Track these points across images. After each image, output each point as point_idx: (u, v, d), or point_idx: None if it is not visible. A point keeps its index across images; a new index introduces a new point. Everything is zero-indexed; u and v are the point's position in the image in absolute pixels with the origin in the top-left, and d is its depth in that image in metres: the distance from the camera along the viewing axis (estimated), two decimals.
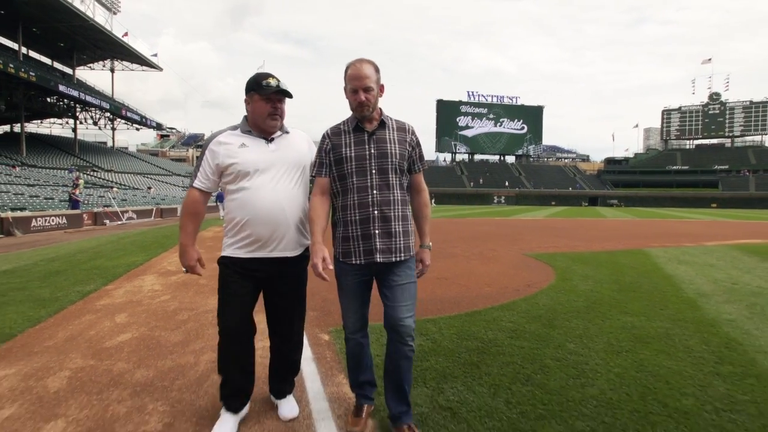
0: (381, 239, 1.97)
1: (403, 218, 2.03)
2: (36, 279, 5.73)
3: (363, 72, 1.94)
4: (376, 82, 1.97)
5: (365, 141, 2.00)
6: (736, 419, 2.16)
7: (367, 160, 1.98)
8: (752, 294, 5.02)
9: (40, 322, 3.77)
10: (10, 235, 13.78)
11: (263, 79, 2.02)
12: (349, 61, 2.00)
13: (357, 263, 1.99)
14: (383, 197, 1.98)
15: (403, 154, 2.03)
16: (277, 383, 2.28)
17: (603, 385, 2.53)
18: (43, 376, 2.67)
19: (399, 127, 2.07)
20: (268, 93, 2.01)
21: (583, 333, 3.50)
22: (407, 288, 2.00)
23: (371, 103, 1.95)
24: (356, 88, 1.93)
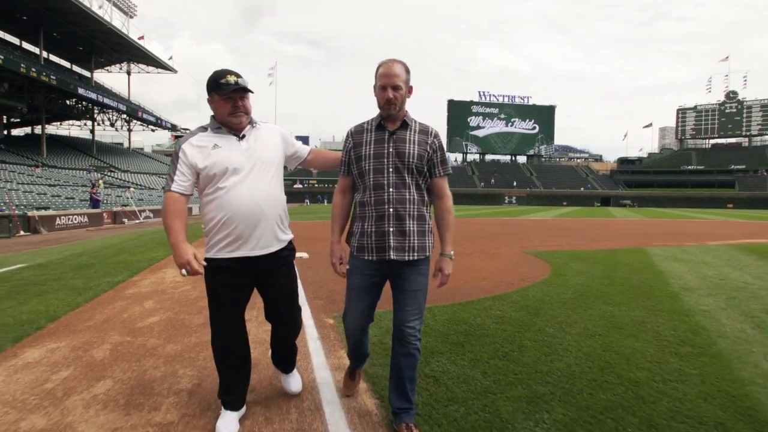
0: (395, 237, 1.99)
1: (419, 218, 2.02)
2: (69, 271, 6.26)
3: (393, 70, 1.97)
4: (405, 82, 2.01)
5: (385, 140, 2.03)
6: (678, 387, 2.51)
7: (385, 159, 2.01)
8: (735, 288, 5.30)
9: (78, 307, 4.26)
10: (37, 232, 14.49)
11: (221, 78, 1.99)
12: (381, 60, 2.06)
13: (370, 259, 2.02)
14: (399, 195, 1.99)
15: (422, 155, 2.03)
16: (280, 362, 2.44)
17: (570, 360, 2.89)
18: (88, 348, 3.13)
19: (421, 130, 2.08)
20: (227, 92, 1.97)
21: (563, 320, 3.85)
22: (417, 294, 2.03)
23: (398, 101, 1.98)
24: (385, 85, 1.97)
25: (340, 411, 2.23)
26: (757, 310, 4.27)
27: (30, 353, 3.02)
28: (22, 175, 27.45)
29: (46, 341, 3.27)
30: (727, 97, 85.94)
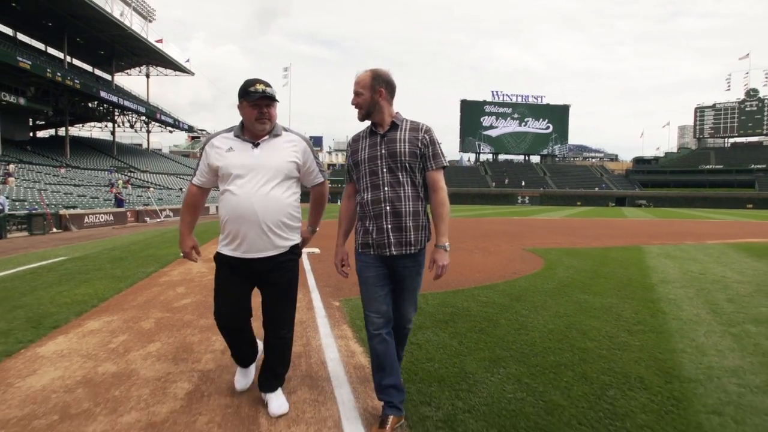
0: (393, 233, 2.10)
1: (414, 213, 2.13)
2: (106, 263, 7.01)
3: (357, 78, 2.16)
4: (368, 87, 2.12)
5: (377, 143, 2.15)
6: (617, 354, 3.04)
7: (379, 160, 2.13)
8: (711, 281, 5.75)
9: (121, 292, 4.95)
10: (68, 230, 15.47)
11: (250, 86, 2.13)
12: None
13: (373, 254, 2.14)
14: (394, 194, 2.11)
15: (414, 152, 2.12)
16: (266, 378, 2.32)
17: (534, 334, 3.44)
18: (137, 321, 3.80)
19: (412, 128, 2.16)
20: (254, 99, 2.11)
21: (540, 305, 4.39)
22: (413, 288, 2.21)
23: (362, 106, 2.14)
24: (353, 93, 2.17)
25: (340, 366, 2.83)
26: (720, 299, 4.74)
27: (91, 324, 3.70)
28: (48, 176, 28.72)
29: (102, 316, 3.96)
30: (747, 95, 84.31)
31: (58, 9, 32.56)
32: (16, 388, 2.49)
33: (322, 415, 2.21)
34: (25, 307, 4.20)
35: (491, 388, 2.48)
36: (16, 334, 3.39)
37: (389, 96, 2.17)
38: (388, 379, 2.12)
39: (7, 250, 9.37)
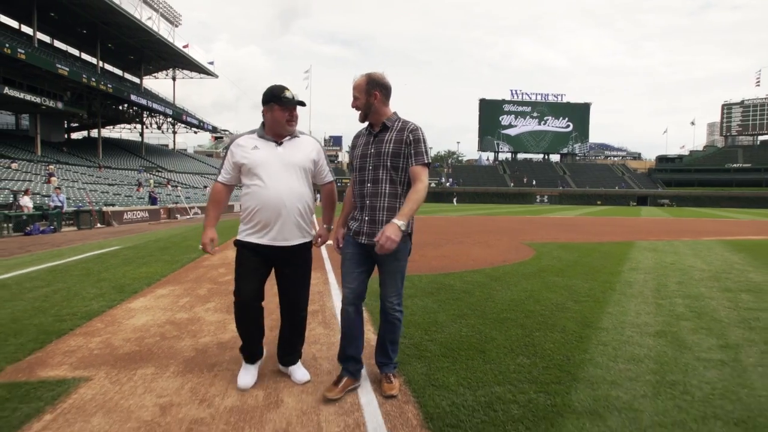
0: (368, 225, 2.32)
1: (389, 210, 2.30)
2: (155, 251, 8.26)
3: (354, 83, 2.35)
4: (363, 92, 2.31)
5: (370, 142, 2.37)
6: (556, 314, 4.00)
7: (368, 158, 2.34)
8: (676, 269, 6.57)
9: (174, 271, 6.13)
10: (110, 225, 17.02)
11: (281, 92, 2.35)
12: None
13: (351, 236, 2.43)
14: (374, 189, 2.32)
15: (397, 152, 2.28)
16: (286, 354, 2.60)
17: (497, 301, 4.42)
18: (193, 290, 4.95)
19: (400, 128, 2.33)
20: (288, 104, 2.36)
21: (513, 283, 5.35)
22: (396, 275, 2.38)
23: (360, 108, 2.35)
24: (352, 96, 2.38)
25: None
26: (671, 282, 5.60)
27: (160, 291, 4.87)
28: (84, 176, 30.68)
29: (166, 286, 5.13)
30: None
31: (92, 17, 34.64)
32: (125, 324, 3.64)
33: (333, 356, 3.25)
34: (106, 280, 5.42)
35: (451, 329, 3.49)
36: (109, 295, 4.59)
37: (384, 98, 2.34)
38: (349, 349, 2.44)
39: (66, 242, 10.77)
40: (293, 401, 2.32)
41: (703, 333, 3.48)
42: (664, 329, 3.57)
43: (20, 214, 13.72)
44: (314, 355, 3.00)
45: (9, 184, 21.08)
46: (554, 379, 2.55)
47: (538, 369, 2.71)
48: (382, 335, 2.48)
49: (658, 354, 3.00)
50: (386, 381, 2.41)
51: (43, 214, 14.25)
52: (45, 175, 25.05)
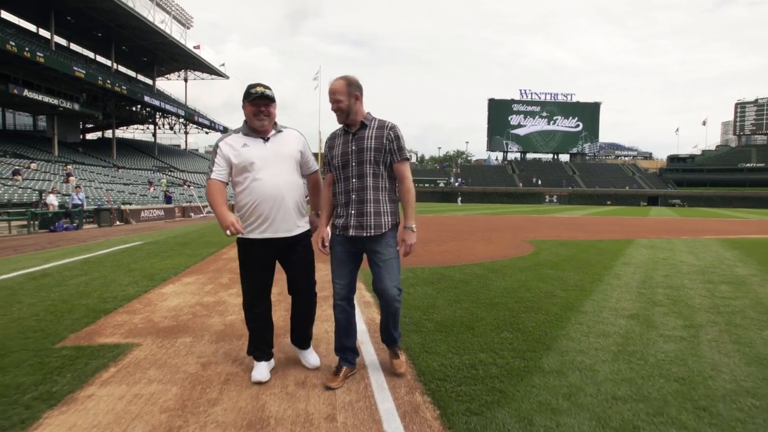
0: (355, 218, 2.43)
1: (375, 201, 2.43)
2: (176, 246, 8.82)
3: (332, 87, 2.43)
4: (345, 94, 2.41)
5: (349, 141, 2.47)
6: (545, 300, 4.42)
7: (349, 155, 2.44)
8: (666, 264, 6.93)
9: (196, 264, 6.65)
10: (128, 223, 17.70)
11: (251, 88, 2.42)
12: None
13: (340, 234, 2.50)
14: (359, 184, 2.43)
15: (379, 148, 2.42)
16: (298, 335, 2.73)
17: (492, 290, 4.85)
18: (216, 278, 5.46)
19: (379, 126, 2.47)
20: (251, 99, 2.41)
21: (509, 275, 5.77)
22: (388, 263, 2.44)
23: (342, 111, 2.43)
24: (330, 100, 2.44)
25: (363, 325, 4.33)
26: (658, 275, 5.97)
27: (186, 279, 5.40)
28: (100, 175, 31.57)
29: (191, 276, 5.65)
30: None
31: (107, 20, 35.59)
32: (160, 305, 4.16)
33: None
34: (137, 270, 5.96)
35: (447, 311, 3.94)
36: (142, 283, 5.12)
37: (361, 99, 2.48)
38: (346, 341, 2.59)
39: (90, 238, 11.40)
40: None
41: (673, 316, 3.89)
42: (638, 312, 3.98)
43: (46, 212, 14.42)
44: (326, 330, 3.47)
45: (30, 183, 21.92)
46: (530, 348, 2.99)
47: (518, 341, 3.15)
48: (384, 321, 2.61)
49: (627, 331, 3.42)
50: (393, 357, 2.65)
51: (67, 212, 14.93)
52: (63, 175, 25.88)
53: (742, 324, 3.66)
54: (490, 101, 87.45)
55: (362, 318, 3.79)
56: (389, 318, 2.57)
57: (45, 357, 2.79)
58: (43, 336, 3.20)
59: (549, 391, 2.35)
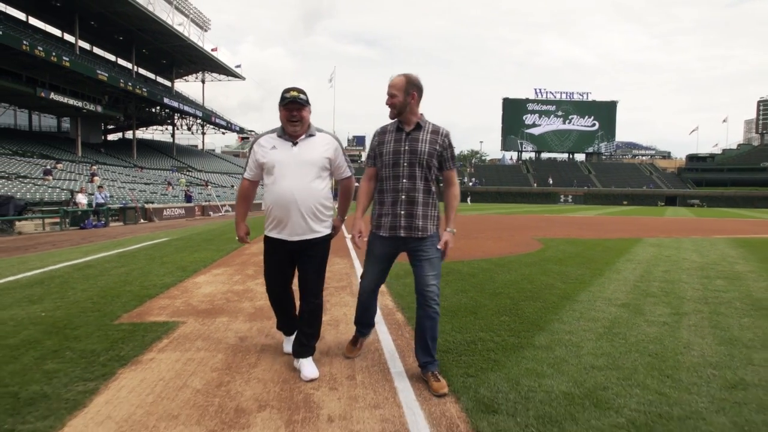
0: (405, 218, 2.43)
1: (424, 204, 2.45)
2: (201, 242, 9.39)
3: (392, 82, 2.46)
4: (402, 90, 2.43)
5: (402, 139, 2.46)
6: (544, 290, 4.78)
7: (401, 155, 2.44)
8: (669, 261, 7.19)
9: (222, 258, 7.17)
10: (151, 221, 18.45)
11: (285, 92, 2.49)
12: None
13: (384, 235, 2.49)
14: (410, 185, 2.43)
15: (432, 152, 2.43)
16: (301, 344, 2.66)
17: (497, 282, 5.23)
18: (242, 270, 5.96)
19: (433, 131, 2.48)
20: (285, 103, 2.48)
21: (514, 270, 6.13)
22: (432, 261, 2.45)
23: (396, 106, 2.45)
24: (387, 94, 2.47)
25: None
26: (658, 271, 6.26)
27: (215, 270, 5.91)
28: (122, 175, 32.60)
29: (219, 268, 6.17)
30: None
31: (128, 25, 36.72)
32: (196, 292, 4.66)
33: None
34: (169, 263, 6.50)
35: (453, 300, 4.34)
36: (176, 273, 5.65)
37: (419, 99, 2.49)
38: (364, 317, 2.78)
39: (118, 234, 12.07)
40: (330, 337, 3.22)
41: (662, 305, 4.23)
42: (629, 302, 4.33)
43: (76, 210, 15.19)
44: (345, 313, 3.91)
45: (58, 183, 22.88)
46: (525, 329, 3.38)
47: (515, 324, 3.54)
48: (422, 331, 2.48)
49: (615, 317, 3.78)
50: (434, 380, 2.39)
51: (95, 210, 15.69)
52: (88, 174, 26.87)
53: (726, 313, 3.98)
54: (504, 100, 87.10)
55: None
56: (427, 325, 2.46)
57: (108, 331, 3.28)
58: (101, 315, 3.70)
59: (536, 361, 2.74)
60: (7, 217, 12.39)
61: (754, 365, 2.73)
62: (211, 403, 2.20)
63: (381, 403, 2.23)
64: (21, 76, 29.09)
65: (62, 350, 2.86)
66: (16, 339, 3.08)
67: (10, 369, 2.56)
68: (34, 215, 14.27)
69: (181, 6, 45.16)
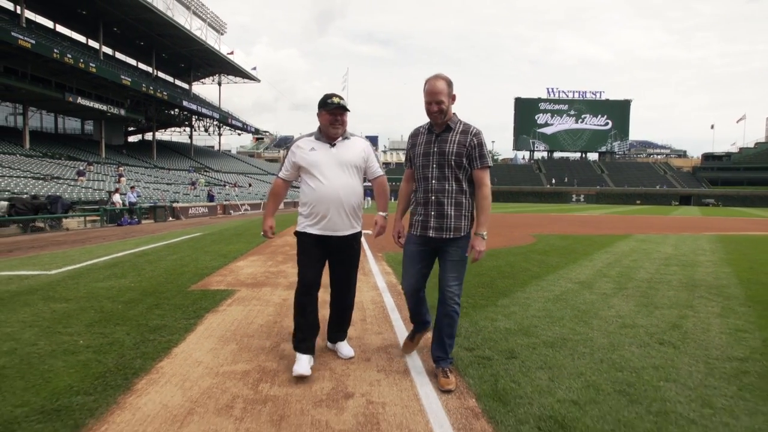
0: (435, 219, 2.46)
1: (456, 205, 2.46)
2: (232, 236, 10.66)
3: (436, 88, 2.42)
4: (448, 95, 2.43)
5: (432, 141, 2.49)
6: (519, 273, 5.85)
7: (431, 156, 2.47)
8: (643, 253, 8.18)
9: (253, 248, 8.37)
10: (178, 219, 19.87)
11: (328, 98, 2.65)
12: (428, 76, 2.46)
13: (415, 234, 2.55)
14: (440, 186, 2.46)
15: (460, 152, 2.43)
16: (334, 332, 2.92)
17: (483, 268, 6.29)
18: (273, 257, 7.16)
19: (463, 131, 2.47)
20: (330, 108, 2.62)
21: (501, 258, 7.20)
22: (456, 263, 2.49)
23: (442, 113, 2.44)
24: (431, 101, 2.42)
25: (388, 295, 5.89)
26: (627, 260, 7.26)
27: (250, 258, 7.13)
28: (144, 176, 34.22)
29: (253, 256, 7.38)
30: None
31: (149, 30, 38.51)
32: (240, 272, 5.87)
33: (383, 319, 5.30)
34: (211, 252, 7.75)
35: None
36: (219, 259, 6.89)
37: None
38: (419, 317, 2.76)
39: (154, 230, 13.42)
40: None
41: (611, 283, 5.29)
42: (586, 280, 5.40)
43: (113, 209, 16.65)
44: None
45: (89, 183, 24.49)
46: (494, 296, 4.50)
47: (488, 293, 4.65)
48: (439, 329, 2.55)
49: (567, 289, 4.86)
50: (443, 375, 2.44)
51: (130, 209, 17.13)
52: (115, 175, 28.49)
53: (659, 288, 5.02)
54: (516, 100, 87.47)
55: (391, 297, 5.34)
56: (444, 323, 2.52)
57: (186, 294, 4.50)
58: (176, 285, 4.93)
59: (494, 313, 3.86)
60: (56, 215, 13.83)
61: (652, 317, 3.80)
62: (272, 330, 3.39)
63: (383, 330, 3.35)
64: (51, 82, 30.84)
65: (161, 304, 4.08)
66: (125, 298, 4.31)
67: (133, 313, 3.79)
68: (76, 213, 15.73)
69: (198, 11, 46.73)
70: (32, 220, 13.04)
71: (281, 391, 2.37)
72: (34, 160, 27.48)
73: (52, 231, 13.30)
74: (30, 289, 4.68)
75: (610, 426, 2.00)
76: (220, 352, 2.92)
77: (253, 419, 2.06)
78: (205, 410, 2.13)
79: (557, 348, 3.01)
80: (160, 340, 3.08)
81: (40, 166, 25.83)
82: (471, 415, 2.13)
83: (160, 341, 3.07)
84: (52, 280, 5.23)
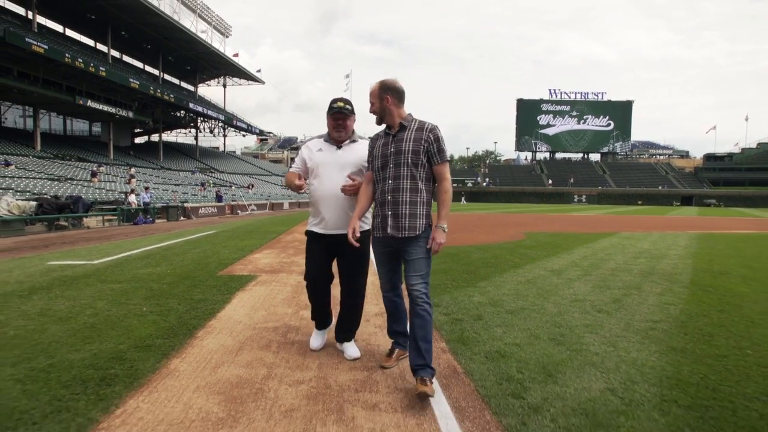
0: (391, 218, 2.53)
1: (411, 203, 2.50)
2: (244, 233, 11.54)
3: (369, 91, 2.62)
4: (377, 97, 2.57)
5: (389, 142, 2.58)
6: (503, 263, 6.67)
7: (388, 157, 2.55)
8: (618, 248, 8.96)
9: (266, 243, 9.24)
10: (190, 218, 20.79)
11: (333, 103, 2.76)
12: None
13: (378, 236, 2.64)
14: (395, 185, 2.52)
15: (417, 150, 2.48)
16: (341, 332, 3.00)
17: (472, 259, 7.13)
18: (284, 251, 8.02)
19: (418, 128, 2.53)
20: (332, 112, 2.77)
21: (488, 252, 8.02)
22: (418, 261, 2.52)
23: (376, 113, 2.60)
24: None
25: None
26: (602, 254, 8.06)
27: (266, 251, 7.99)
28: (152, 177, 35.12)
29: (266, 250, 8.23)
30: None
31: (156, 34, 39.52)
32: (258, 263, 6.73)
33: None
34: (228, 246, 8.62)
35: (433, 268, 6.26)
36: (238, 252, 7.75)
37: (397, 101, 2.55)
38: (396, 326, 2.80)
39: (169, 229, 14.32)
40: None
41: (579, 271, 6.10)
42: (558, 269, 6.23)
43: (130, 209, 17.58)
44: None
45: (100, 184, 25.43)
46: (475, 279, 5.33)
47: (470, 278, 5.48)
48: (413, 333, 2.48)
49: (539, 276, 5.69)
50: (421, 383, 2.35)
51: (145, 209, 18.06)
52: (126, 176, 29.44)
53: (620, 275, 5.84)
54: (518, 101, 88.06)
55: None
56: (416, 323, 2.46)
57: (216, 278, 5.38)
58: (206, 272, 5.80)
59: (473, 292, 4.70)
60: (78, 214, 14.76)
61: (602, 294, 4.63)
62: (291, 302, 4.28)
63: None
64: (62, 86, 31.76)
65: (197, 285, 4.95)
66: (167, 281, 5.19)
67: (177, 290, 4.67)
68: (95, 213, 16.65)
69: (204, 14, 47.59)
70: (56, 218, 13.96)
71: (304, 338, 3.23)
72: (46, 162, 28.41)
73: (74, 229, 14.21)
74: (85, 274, 5.58)
75: (537, 356, 2.84)
76: (254, 316, 3.79)
77: (286, 352, 2.93)
78: (251, 347, 3.00)
79: (515, 314, 3.86)
80: (205, 309, 3.96)
81: (52, 167, 26.77)
82: (440, 351, 2.98)
83: (205, 309, 3.94)
84: (98, 268, 6.11)
